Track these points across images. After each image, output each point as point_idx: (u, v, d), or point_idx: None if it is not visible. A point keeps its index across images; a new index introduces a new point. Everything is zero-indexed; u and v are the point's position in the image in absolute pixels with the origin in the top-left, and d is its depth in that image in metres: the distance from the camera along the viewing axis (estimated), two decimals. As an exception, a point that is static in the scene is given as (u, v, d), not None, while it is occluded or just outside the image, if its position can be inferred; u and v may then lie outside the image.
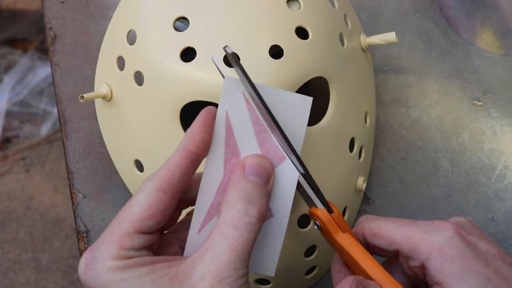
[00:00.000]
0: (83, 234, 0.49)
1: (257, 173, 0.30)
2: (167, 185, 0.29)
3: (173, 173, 0.30)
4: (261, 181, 0.30)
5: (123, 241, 0.29)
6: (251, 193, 0.29)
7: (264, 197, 0.29)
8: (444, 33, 0.60)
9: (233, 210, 0.28)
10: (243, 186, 0.29)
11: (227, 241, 0.28)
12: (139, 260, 0.29)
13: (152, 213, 0.29)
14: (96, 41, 0.57)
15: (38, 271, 1.21)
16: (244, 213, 0.28)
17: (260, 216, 0.29)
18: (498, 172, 0.53)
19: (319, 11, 0.42)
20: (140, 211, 0.29)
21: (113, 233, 0.29)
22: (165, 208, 0.29)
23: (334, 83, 0.41)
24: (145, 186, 0.30)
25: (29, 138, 1.39)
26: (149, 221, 0.29)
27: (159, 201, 0.29)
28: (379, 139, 0.54)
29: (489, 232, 0.50)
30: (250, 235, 0.28)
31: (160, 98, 0.40)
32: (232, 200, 0.29)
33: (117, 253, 0.28)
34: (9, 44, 1.48)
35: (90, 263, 0.29)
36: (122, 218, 0.29)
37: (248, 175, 0.29)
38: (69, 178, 0.51)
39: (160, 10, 0.40)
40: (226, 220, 0.28)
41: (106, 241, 0.29)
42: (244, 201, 0.28)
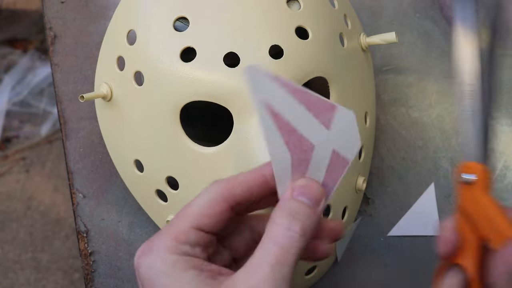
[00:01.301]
0: (83, 234, 0.49)
1: (305, 194, 0.30)
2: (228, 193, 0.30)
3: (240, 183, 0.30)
4: (309, 202, 0.29)
5: (179, 234, 0.29)
6: (296, 209, 0.29)
7: (310, 217, 0.29)
8: (444, 33, 0.60)
9: (275, 226, 0.28)
10: (290, 205, 0.29)
11: (267, 256, 0.27)
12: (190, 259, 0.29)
13: (210, 213, 0.30)
14: (96, 41, 0.57)
15: (38, 271, 1.21)
16: (287, 228, 0.28)
17: (304, 233, 0.28)
18: (498, 172, 0.53)
19: (319, 11, 0.42)
20: (199, 209, 0.30)
21: (171, 227, 0.30)
22: (222, 213, 0.30)
23: (334, 83, 0.41)
24: (209, 189, 0.31)
25: (29, 138, 1.39)
26: (206, 219, 0.30)
27: (217, 205, 0.30)
28: (379, 139, 0.54)
29: (489, 232, 0.50)
30: (292, 252, 0.28)
31: (160, 98, 0.40)
32: (276, 217, 0.29)
33: (172, 245, 0.29)
34: (9, 44, 1.48)
35: (146, 252, 0.30)
36: (181, 214, 0.30)
37: (296, 196, 0.30)
38: (69, 178, 0.51)
39: (160, 10, 0.40)
40: (268, 236, 0.28)
41: (163, 233, 0.30)
42: (288, 216, 0.28)
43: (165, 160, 0.42)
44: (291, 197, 0.30)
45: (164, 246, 0.29)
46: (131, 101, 0.42)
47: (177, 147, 0.40)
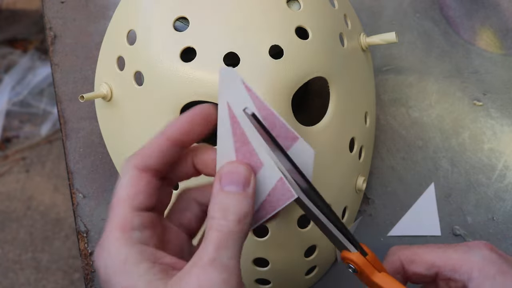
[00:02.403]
0: (83, 234, 0.49)
1: (232, 181, 0.30)
2: (144, 164, 0.30)
3: (151, 153, 0.31)
4: (237, 188, 0.30)
5: (122, 223, 0.29)
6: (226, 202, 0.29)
7: (242, 203, 0.30)
8: (444, 33, 0.60)
9: (212, 219, 0.29)
10: (220, 199, 0.30)
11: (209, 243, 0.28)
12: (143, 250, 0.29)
13: (138, 190, 0.30)
14: (96, 41, 0.57)
15: (38, 271, 1.21)
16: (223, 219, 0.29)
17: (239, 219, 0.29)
18: (498, 172, 0.53)
19: (319, 11, 0.42)
20: (126, 191, 0.30)
21: (111, 220, 0.30)
22: (148, 184, 0.30)
23: (334, 83, 0.41)
24: (124, 169, 0.31)
25: (29, 138, 1.39)
26: (139, 196, 0.30)
27: (140, 178, 0.30)
28: (379, 139, 0.54)
29: (489, 232, 0.50)
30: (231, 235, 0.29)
31: (160, 98, 0.40)
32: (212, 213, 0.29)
33: (120, 237, 0.29)
34: (9, 44, 1.48)
35: (100, 253, 0.30)
36: (113, 205, 0.30)
37: (224, 186, 0.30)
38: (69, 178, 0.51)
39: (160, 10, 0.40)
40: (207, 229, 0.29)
41: (108, 229, 0.30)
42: (221, 210, 0.29)
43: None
44: (220, 189, 0.30)
45: (114, 240, 0.29)
46: (131, 101, 0.42)
47: (177, 147, 0.40)
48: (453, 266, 0.32)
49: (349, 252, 0.34)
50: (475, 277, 0.31)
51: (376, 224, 0.51)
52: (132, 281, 0.28)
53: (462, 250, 0.33)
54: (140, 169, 0.30)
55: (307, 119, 0.42)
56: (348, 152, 0.43)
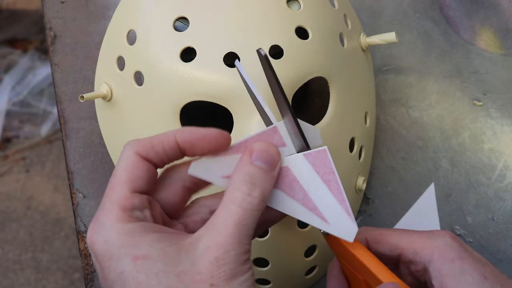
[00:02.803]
0: (83, 234, 0.49)
1: (262, 159, 0.31)
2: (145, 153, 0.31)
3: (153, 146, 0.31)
4: (266, 166, 0.31)
5: (123, 203, 0.30)
6: (255, 176, 0.30)
7: (268, 182, 0.31)
8: (444, 33, 0.60)
9: (237, 191, 0.30)
10: (248, 170, 0.31)
11: (232, 216, 0.29)
12: (147, 225, 0.29)
13: (139, 173, 0.31)
14: (96, 41, 0.57)
15: (38, 271, 1.21)
16: (248, 194, 0.30)
17: (263, 197, 0.30)
18: (498, 172, 0.53)
19: (319, 11, 0.42)
20: (127, 173, 0.30)
21: (111, 199, 0.30)
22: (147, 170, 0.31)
23: (334, 83, 0.41)
24: (125, 152, 0.31)
25: (29, 138, 1.39)
26: (139, 180, 0.30)
27: (140, 164, 0.31)
28: (379, 139, 0.54)
29: (489, 232, 0.50)
30: (253, 213, 0.29)
31: (160, 98, 0.40)
32: (238, 182, 0.30)
33: (122, 215, 0.29)
34: (9, 44, 1.48)
35: (98, 229, 0.29)
36: (112, 185, 0.30)
37: (254, 160, 0.31)
38: (69, 178, 0.51)
39: (160, 10, 0.40)
40: (230, 199, 0.30)
41: (106, 207, 0.30)
42: (249, 183, 0.30)
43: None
44: (249, 161, 0.31)
45: (115, 218, 0.29)
46: (131, 101, 0.42)
47: (177, 147, 0.40)
48: (415, 249, 0.33)
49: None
50: (435, 259, 0.32)
51: (376, 224, 0.51)
52: (143, 250, 0.28)
53: (426, 236, 0.34)
54: (140, 156, 0.31)
55: (307, 119, 0.42)
56: (348, 152, 0.43)
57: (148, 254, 0.28)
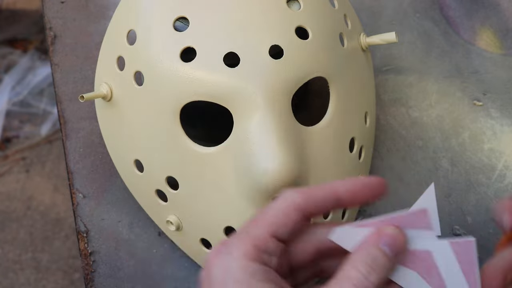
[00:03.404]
0: (83, 234, 0.49)
1: (389, 245, 0.30)
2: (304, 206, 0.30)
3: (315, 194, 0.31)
4: (391, 254, 0.30)
5: (259, 241, 0.29)
6: (377, 260, 0.29)
7: (387, 270, 0.30)
8: (444, 33, 0.60)
9: (355, 270, 0.29)
10: (373, 252, 0.30)
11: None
12: (270, 272, 0.29)
13: (286, 222, 0.30)
14: (96, 41, 0.57)
15: (38, 271, 1.21)
16: (365, 277, 0.29)
17: (378, 284, 0.29)
18: (498, 172, 0.53)
19: (319, 11, 0.42)
20: (276, 217, 0.30)
21: (248, 232, 0.30)
22: (295, 223, 0.30)
23: (334, 83, 0.41)
24: (284, 196, 0.31)
25: (29, 138, 1.39)
26: (283, 228, 0.30)
27: (294, 213, 0.30)
28: (379, 139, 0.54)
29: (489, 232, 0.50)
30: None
31: (160, 98, 0.40)
32: (358, 261, 0.29)
33: (252, 252, 0.29)
34: (9, 44, 1.48)
35: (224, 254, 0.29)
36: (256, 221, 0.30)
37: (382, 244, 0.30)
38: (69, 178, 0.51)
39: (160, 10, 0.40)
40: (346, 276, 0.29)
41: (241, 237, 0.29)
42: (369, 266, 0.29)
43: (165, 160, 0.42)
44: (376, 243, 0.30)
45: (244, 251, 0.29)
46: (131, 101, 0.42)
47: (177, 147, 0.40)
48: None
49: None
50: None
51: (376, 224, 0.51)
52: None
53: None
54: (298, 207, 0.30)
55: (307, 119, 0.42)
56: (348, 152, 0.43)
57: None
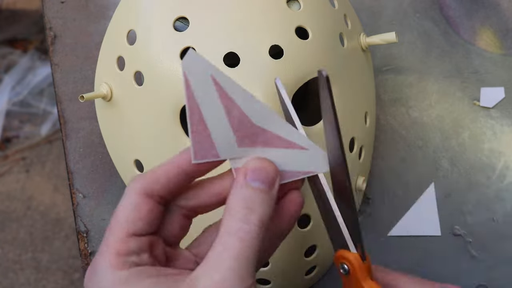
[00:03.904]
0: (83, 234, 0.49)
1: (259, 178, 0.29)
2: (149, 189, 0.29)
3: (157, 177, 0.29)
4: (264, 186, 0.29)
5: (118, 247, 0.28)
6: (251, 199, 0.28)
7: (266, 203, 0.28)
8: (444, 33, 0.60)
9: (233, 219, 0.28)
10: (244, 193, 0.28)
11: (229, 250, 0.27)
12: (143, 270, 0.28)
13: (140, 216, 0.29)
14: (96, 41, 0.57)
15: (38, 271, 1.21)
16: (245, 222, 0.27)
17: (262, 224, 0.28)
18: (498, 172, 0.53)
19: (319, 11, 0.42)
20: (126, 214, 0.29)
21: (106, 242, 0.29)
22: (150, 211, 0.29)
23: (334, 83, 0.41)
24: (128, 190, 0.29)
25: (29, 138, 1.39)
26: (139, 223, 0.29)
27: (143, 203, 0.29)
28: (379, 139, 0.54)
29: (489, 232, 0.50)
30: (253, 243, 0.27)
31: (160, 98, 0.40)
32: (233, 209, 0.28)
33: (116, 261, 0.28)
34: (9, 44, 1.48)
35: (91, 276, 0.28)
36: (111, 226, 0.29)
37: (250, 181, 0.29)
38: (69, 178, 0.51)
39: (160, 10, 0.40)
40: (226, 230, 0.27)
41: (102, 252, 0.28)
42: (245, 209, 0.28)
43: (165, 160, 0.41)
44: (245, 183, 0.28)
45: (109, 265, 0.28)
46: (131, 101, 0.42)
47: (177, 147, 0.40)
48: None
49: (347, 252, 0.32)
50: None
51: (376, 224, 0.51)
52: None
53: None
54: (144, 194, 0.29)
55: (307, 119, 0.42)
56: (348, 152, 0.43)
57: None
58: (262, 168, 0.29)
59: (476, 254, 0.50)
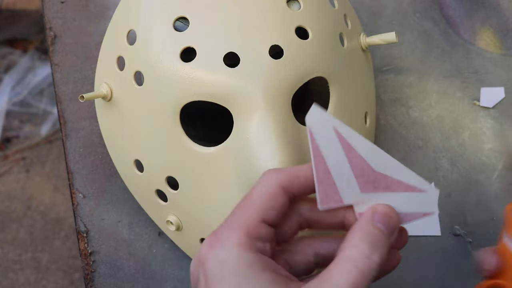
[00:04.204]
0: (83, 234, 0.49)
1: (385, 222, 0.30)
2: (288, 183, 0.30)
3: (298, 174, 0.30)
4: (387, 231, 0.30)
5: (250, 228, 0.28)
6: (377, 238, 0.29)
7: (386, 247, 0.29)
8: (444, 33, 0.60)
9: (356, 251, 0.28)
10: (371, 230, 0.29)
11: (347, 277, 0.27)
12: (266, 260, 0.28)
13: (273, 205, 0.29)
14: (96, 41, 0.57)
15: (38, 271, 1.21)
16: (368, 256, 0.28)
17: (380, 263, 0.29)
18: (498, 172, 0.53)
19: (319, 11, 0.42)
20: (263, 200, 0.29)
21: (238, 219, 0.29)
22: (283, 204, 0.30)
23: (334, 83, 0.41)
24: (267, 178, 0.30)
25: (29, 138, 1.39)
26: (272, 212, 0.29)
27: (279, 195, 0.30)
28: (379, 139, 0.54)
29: (489, 232, 0.50)
30: (368, 278, 0.28)
31: (160, 98, 0.40)
32: (358, 241, 0.29)
33: (245, 241, 0.28)
34: (9, 44, 1.48)
35: (215, 247, 0.28)
36: (244, 206, 0.29)
37: (376, 222, 0.30)
38: (69, 178, 0.51)
39: (160, 10, 0.40)
40: (349, 258, 0.28)
41: (231, 226, 0.29)
42: (369, 244, 0.28)
43: (165, 160, 0.42)
44: (371, 222, 0.30)
45: (237, 241, 0.28)
46: (131, 101, 0.42)
47: (177, 147, 0.40)
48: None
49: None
50: None
51: (376, 224, 0.51)
52: (254, 286, 0.27)
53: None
54: (281, 186, 0.30)
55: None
56: (348, 152, 0.43)
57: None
58: (389, 213, 0.30)
59: (476, 254, 0.50)
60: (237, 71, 0.38)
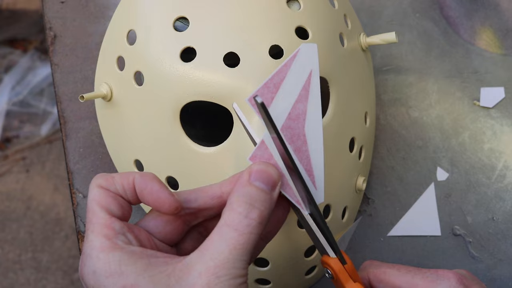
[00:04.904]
0: (83, 234, 0.49)
1: (262, 179, 0.30)
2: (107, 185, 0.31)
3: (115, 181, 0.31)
4: (265, 187, 0.30)
5: (105, 230, 0.29)
6: (254, 197, 0.29)
7: (267, 203, 0.30)
8: (444, 33, 0.60)
9: (234, 213, 0.29)
10: (247, 190, 0.29)
11: (226, 241, 0.28)
12: (134, 251, 0.29)
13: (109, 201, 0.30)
14: (96, 41, 0.57)
15: (38, 271, 1.21)
16: (245, 216, 0.28)
17: (261, 220, 0.29)
18: (498, 172, 0.53)
19: (319, 11, 0.42)
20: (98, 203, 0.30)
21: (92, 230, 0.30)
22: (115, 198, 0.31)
23: (334, 83, 0.41)
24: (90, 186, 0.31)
25: (29, 138, 1.39)
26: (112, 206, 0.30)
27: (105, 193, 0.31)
28: (379, 139, 0.54)
29: (489, 232, 0.50)
30: (250, 237, 0.28)
31: (160, 98, 0.40)
32: (235, 203, 0.29)
33: (107, 244, 0.29)
34: (9, 44, 1.48)
35: (85, 261, 0.29)
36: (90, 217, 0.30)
37: (253, 180, 0.30)
38: (69, 178, 0.51)
39: (160, 10, 0.40)
40: (226, 222, 0.28)
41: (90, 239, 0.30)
42: (246, 204, 0.29)
43: (165, 160, 0.42)
44: (248, 182, 0.30)
45: (100, 248, 0.29)
46: (131, 101, 0.42)
47: (177, 147, 0.40)
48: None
49: (328, 257, 0.34)
50: None
51: (376, 224, 0.51)
52: (131, 279, 0.28)
53: (430, 279, 0.33)
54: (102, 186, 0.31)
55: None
56: (348, 152, 0.43)
57: (137, 283, 0.27)
58: (266, 170, 0.30)
59: (476, 254, 0.50)
60: (237, 71, 0.38)
